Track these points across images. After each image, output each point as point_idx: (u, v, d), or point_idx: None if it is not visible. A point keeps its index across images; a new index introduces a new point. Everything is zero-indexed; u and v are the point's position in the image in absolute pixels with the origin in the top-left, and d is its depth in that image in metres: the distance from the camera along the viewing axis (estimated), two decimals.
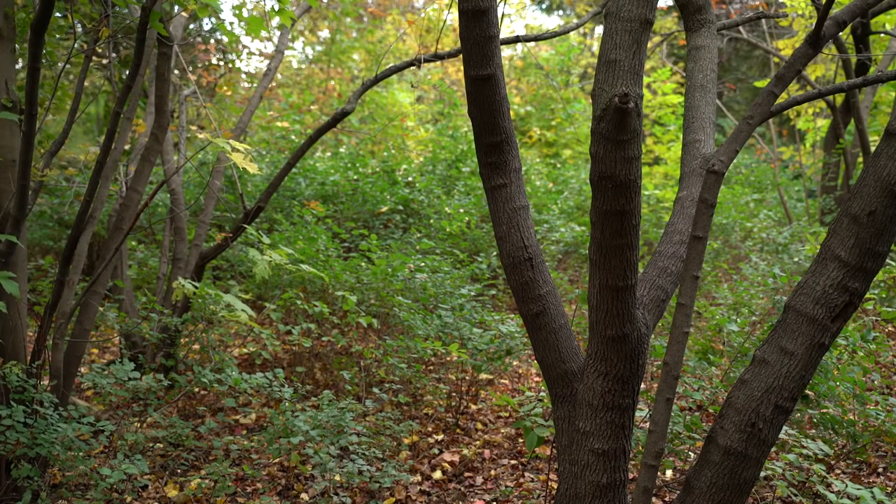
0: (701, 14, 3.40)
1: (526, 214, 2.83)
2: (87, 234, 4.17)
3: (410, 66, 5.08)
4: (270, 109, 12.20)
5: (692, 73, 3.31)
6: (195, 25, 11.45)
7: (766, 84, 2.87)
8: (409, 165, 10.32)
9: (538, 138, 13.75)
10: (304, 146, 5.20)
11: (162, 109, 4.71)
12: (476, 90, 2.74)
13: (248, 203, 5.23)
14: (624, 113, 2.45)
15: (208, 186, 5.87)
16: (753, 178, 11.89)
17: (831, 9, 2.73)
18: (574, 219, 9.13)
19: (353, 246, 7.48)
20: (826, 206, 9.10)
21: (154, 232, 8.33)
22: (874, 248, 2.38)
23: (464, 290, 5.94)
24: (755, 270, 6.70)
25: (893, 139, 2.37)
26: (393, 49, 13.75)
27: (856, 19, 3.31)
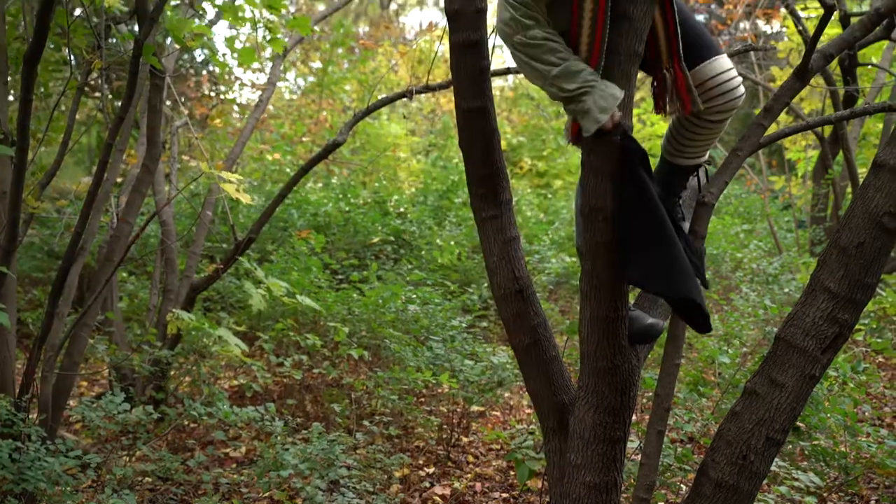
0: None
1: (517, 246, 2.83)
2: (77, 266, 4.17)
3: (402, 97, 5.10)
4: (262, 140, 12.23)
5: None
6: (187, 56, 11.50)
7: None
8: (401, 196, 10.35)
9: (529, 168, 13.81)
10: (295, 177, 5.21)
11: (154, 141, 4.72)
12: (467, 122, 2.75)
13: (239, 234, 5.23)
14: (613, 145, 2.47)
15: (200, 218, 5.87)
16: (743, 208, 11.95)
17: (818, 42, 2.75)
18: (565, 249, 9.14)
19: (344, 277, 7.48)
20: (816, 237, 9.13)
21: (145, 263, 8.32)
22: (863, 279, 2.39)
23: (455, 321, 5.93)
24: (746, 301, 6.71)
25: (881, 171, 2.38)
26: (385, 80, 13.82)
27: (843, 52, 3.34)
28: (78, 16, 4.52)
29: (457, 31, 2.68)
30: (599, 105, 2.40)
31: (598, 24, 2.48)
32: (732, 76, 2.70)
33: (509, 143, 13.97)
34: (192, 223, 7.40)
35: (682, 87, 2.67)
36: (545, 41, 2.48)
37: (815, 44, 2.72)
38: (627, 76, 2.48)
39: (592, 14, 2.48)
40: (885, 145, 2.40)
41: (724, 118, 2.75)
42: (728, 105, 2.71)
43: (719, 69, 2.68)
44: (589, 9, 2.48)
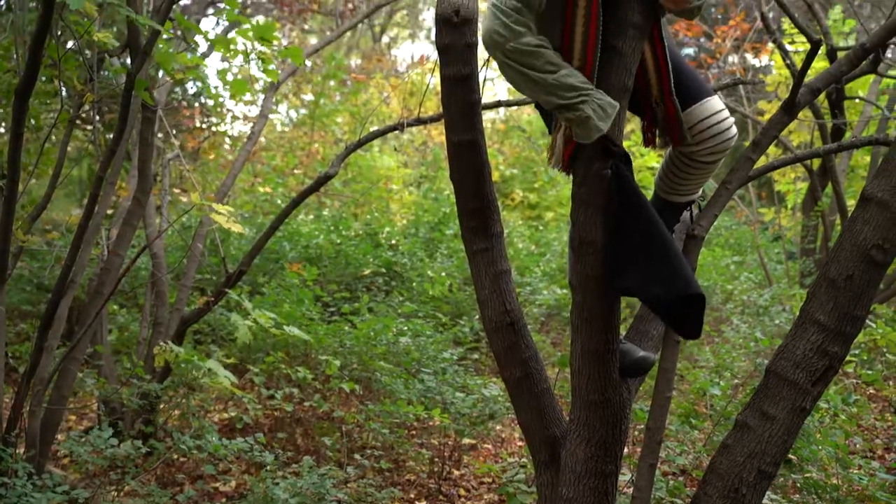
0: None
1: (508, 279, 2.83)
2: (67, 299, 4.15)
3: (393, 130, 5.12)
4: (254, 173, 12.25)
5: None
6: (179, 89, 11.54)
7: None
8: (393, 228, 10.35)
9: (521, 200, 13.84)
10: (286, 210, 5.21)
11: (145, 174, 4.72)
12: (457, 155, 2.76)
13: (230, 266, 5.22)
14: (603, 178, 2.48)
15: (190, 250, 5.87)
16: (734, 240, 11.98)
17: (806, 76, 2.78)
18: (556, 281, 9.14)
19: (336, 309, 7.46)
20: (806, 269, 9.16)
21: (135, 296, 8.29)
22: (853, 312, 2.40)
23: (446, 353, 5.91)
24: (737, 333, 6.72)
25: (868, 204, 2.40)
26: (377, 112, 13.88)
27: (830, 86, 3.37)
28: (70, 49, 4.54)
29: (447, 64, 2.69)
30: (598, 113, 2.39)
31: (591, 34, 2.49)
32: (725, 117, 2.71)
33: (501, 174, 14.02)
34: (182, 255, 7.38)
35: (672, 119, 2.69)
36: (538, 48, 2.43)
37: (803, 78, 2.74)
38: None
39: (584, 26, 2.49)
40: (873, 178, 2.41)
41: (716, 159, 2.77)
42: (721, 146, 2.72)
43: (711, 110, 2.70)
44: (581, 24, 2.49)
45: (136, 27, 3.98)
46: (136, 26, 3.95)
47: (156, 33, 3.65)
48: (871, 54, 2.98)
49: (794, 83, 2.74)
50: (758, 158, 2.84)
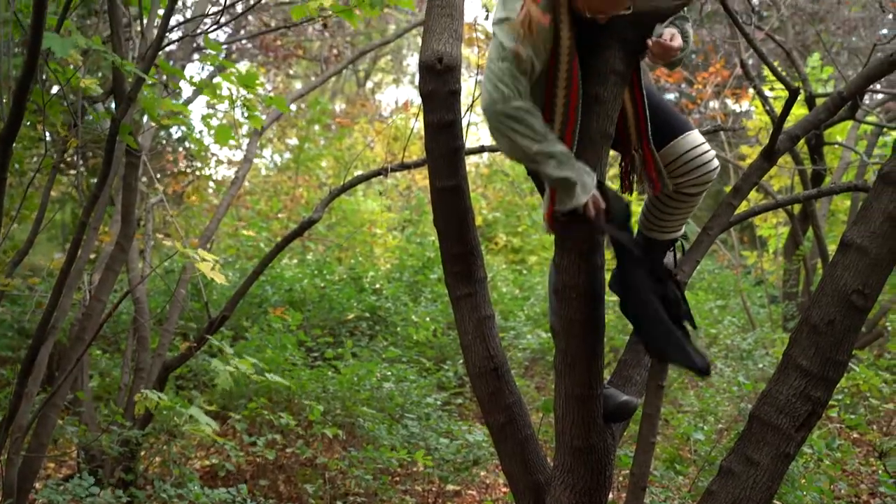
0: None
1: (491, 324, 2.83)
2: (47, 345, 4.12)
3: (378, 175, 5.13)
4: (238, 217, 12.24)
5: None
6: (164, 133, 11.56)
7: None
8: (377, 272, 10.34)
9: (504, 244, 13.87)
10: (270, 255, 5.20)
11: (128, 219, 4.71)
12: (441, 201, 2.78)
13: (213, 312, 5.20)
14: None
15: (173, 295, 5.84)
16: (717, 284, 12.02)
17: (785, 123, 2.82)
18: (541, 325, 9.14)
19: (319, 354, 7.43)
20: (788, 312, 9.20)
21: (117, 341, 8.23)
22: (835, 357, 2.41)
23: (430, 398, 5.89)
24: (721, 377, 6.72)
25: (848, 250, 2.42)
26: (361, 157, 13.94)
27: (809, 133, 3.42)
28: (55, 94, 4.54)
29: (431, 111, 2.72)
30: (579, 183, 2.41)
31: (571, 110, 2.52)
32: (706, 150, 2.75)
33: (484, 219, 14.05)
34: (165, 300, 7.34)
35: (651, 168, 2.72)
36: (527, 114, 2.45)
37: (782, 125, 2.78)
38: (598, 156, 2.52)
39: (565, 101, 2.52)
40: (852, 224, 2.44)
41: (699, 192, 2.80)
42: (703, 179, 2.75)
43: (692, 144, 2.74)
44: (562, 96, 2.52)
45: (121, 73, 3.99)
46: (121, 72, 3.97)
47: (141, 79, 3.67)
48: (848, 102, 3.02)
49: (773, 130, 2.79)
50: (739, 204, 2.87)
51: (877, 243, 2.37)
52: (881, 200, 2.38)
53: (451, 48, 2.73)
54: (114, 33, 4.09)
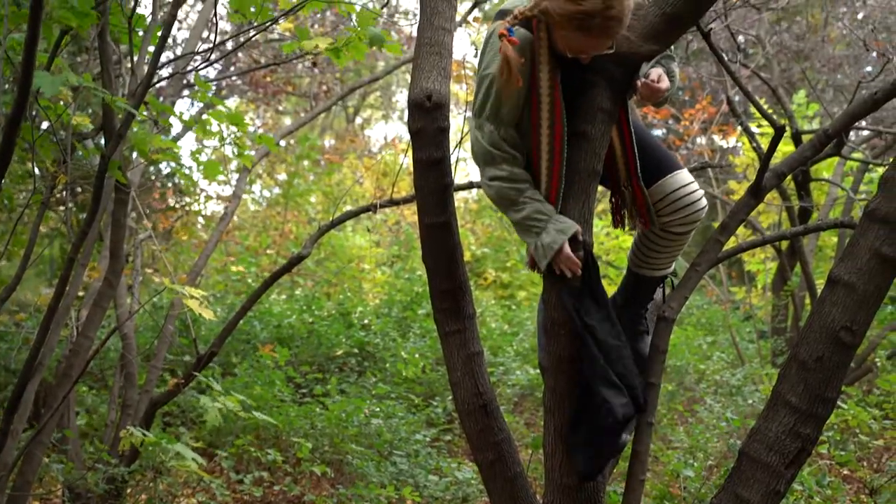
0: None
1: (480, 361, 2.83)
2: (34, 382, 4.09)
3: (366, 211, 5.14)
4: (227, 253, 12.23)
5: None
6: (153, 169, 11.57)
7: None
8: (365, 308, 10.33)
9: (493, 280, 13.88)
10: (259, 290, 5.20)
11: (117, 255, 4.70)
12: (430, 237, 2.78)
13: (202, 347, 5.18)
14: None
15: (161, 331, 5.82)
16: (705, 319, 12.04)
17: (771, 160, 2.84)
18: (530, 361, 9.12)
19: (308, 390, 7.40)
20: (777, 348, 9.21)
21: (104, 377, 8.18)
22: (823, 393, 2.41)
23: (419, 435, 5.86)
24: (710, 413, 6.71)
25: (836, 286, 2.43)
26: (350, 192, 13.97)
27: (795, 170, 3.44)
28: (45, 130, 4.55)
29: (420, 148, 2.73)
30: (552, 236, 2.47)
31: (556, 150, 2.54)
32: (693, 189, 2.77)
33: (473, 254, 14.07)
34: (153, 336, 7.31)
35: (640, 204, 2.73)
36: (513, 181, 2.57)
37: (768, 163, 2.80)
38: (586, 193, 2.54)
39: (549, 141, 2.54)
40: (839, 261, 2.45)
41: (687, 230, 2.81)
42: (690, 218, 2.77)
43: (680, 183, 2.76)
44: (546, 136, 2.54)
45: (110, 110, 4.00)
46: (111, 109, 3.98)
47: (131, 116, 3.67)
48: (834, 139, 3.05)
49: (759, 168, 2.81)
50: (726, 241, 2.89)
51: (864, 280, 2.38)
52: (867, 237, 2.40)
53: (439, 86, 2.75)
54: (104, 70, 4.10)
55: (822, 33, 10.85)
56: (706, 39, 2.78)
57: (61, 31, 3.71)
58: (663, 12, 2.46)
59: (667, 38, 2.52)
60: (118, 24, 4.20)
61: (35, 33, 2.61)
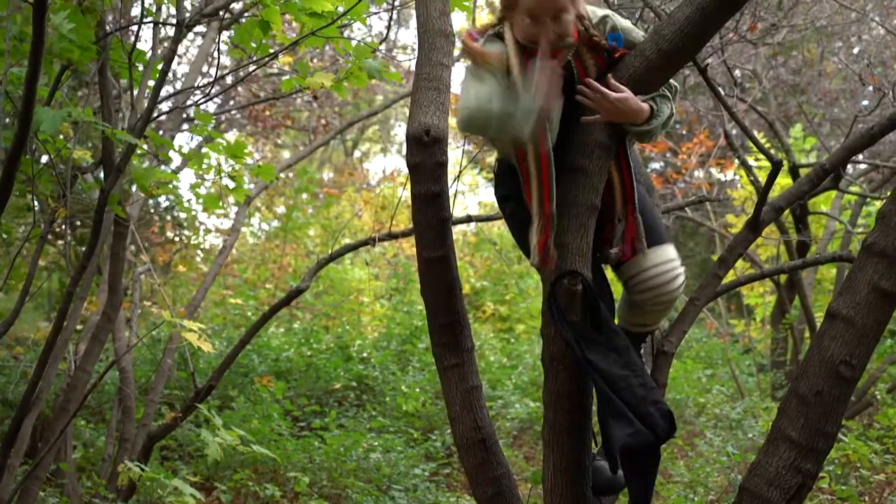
0: None
1: (479, 395, 2.82)
2: (31, 416, 4.07)
3: (365, 244, 5.16)
4: (226, 286, 12.21)
5: None
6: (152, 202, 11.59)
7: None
8: (364, 341, 10.31)
9: (492, 313, 13.86)
10: (257, 324, 5.19)
11: (115, 288, 4.70)
12: (428, 271, 2.79)
13: (200, 381, 5.16)
14: (573, 294, 2.50)
15: (159, 365, 5.80)
16: (704, 353, 12.01)
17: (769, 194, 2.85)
18: (529, 394, 9.09)
19: (306, 424, 7.37)
20: (777, 381, 9.18)
21: (102, 411, 8.14)
22: (824, 428, 2.40)
23: (418, 469, 5.83)
24: (710, 447, 6.68)
25: (835, 320, 2.43)
26: (349, 225, 13.98)
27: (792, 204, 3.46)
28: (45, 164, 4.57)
29: (418, 183, 2.74)
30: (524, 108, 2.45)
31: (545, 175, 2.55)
32: (669, 269, 2.73)
33: (472, 287, 14.05)
34: (150, 370, 7.28)
35: (630, 233, 2.72)
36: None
37: (766, 197, 2.81)
38: (585, 228, 2.54)
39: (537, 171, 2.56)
40: (838, 295, 2.45)
41: (661, 309, 2.78)
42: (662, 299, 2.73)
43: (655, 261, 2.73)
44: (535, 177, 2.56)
45: (110, 144, 4.02)
46: (110, 143, 4.00)
47: (130, 149, 3.69)
48: (831, 174, 3.07)
49: (757, 202, 2.82)
50: (725, 274, 2.89)
51: (863, 314, 2.38)
52: (866, 271, 2.40)
53: (437, 120, 2.76)
54: (104, 105, 4.12)
55: (819, 67, 10.93)
56: (703, 75, 2.80)
57: (62, 66, 3.74)
58: (659, 49, 2.48)
59: (663, 74, 2.53)
60: (118, 59, 4.23)
61: (36, 70, 2.63)
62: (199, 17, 4.74)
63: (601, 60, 2.60)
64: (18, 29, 3.61)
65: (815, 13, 8.10)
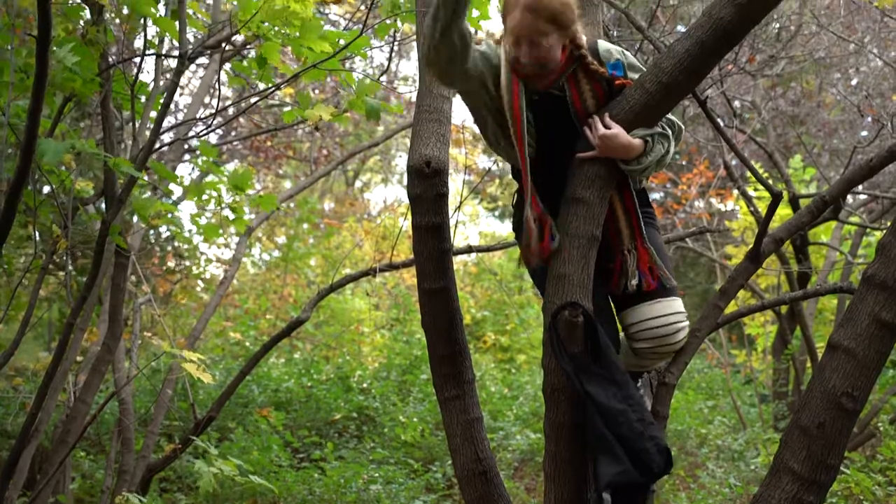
0: None
1: (480, 426, 2.81)
2: (30, 448, 4.06)
3: (366, 275, 5.16)
4: (226, 316, 12.20)
5: None
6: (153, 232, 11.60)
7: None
8: (364, 371, 10.28)
9: (493, 343, 13.83)
10: (257, 355, 5.18)
11: (115, 319, 4.70)
12: (429, 302, 2.79)
13: (199, 412, 5.15)
14: (573, 326, 2.50)
15: (159, 396, 5.78)
16: (705, 383, 11.97)
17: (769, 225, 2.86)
18: (530, 425, 9.05)
19: (306, 455, 7.33)
20: (779, 412, 9.14)
21: (101, 442, 8.10)
22: (826, 460, 2.40)
23: (418, 501, 5.79)
24: (713, 478, 6.64)
25: (836, 352, 2.43)
26: (349, 255, 13.99)
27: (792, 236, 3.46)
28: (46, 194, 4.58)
29: (419, 214, 2.75)
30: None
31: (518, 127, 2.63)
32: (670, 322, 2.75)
33: (473, 317, 14.03)
34: (150, 400, 7.26)
35: (645, 263, 2.72)
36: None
37: (766, 229, 2.82)
38: (586, 259, 2.54)
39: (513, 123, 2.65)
40: (839, 326, 2.45)
41: (658, 359, 2.80)
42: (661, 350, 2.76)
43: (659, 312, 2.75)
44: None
45: (111, 175, 4.03)
46: (112, 174, 4.01)
47: (132, 181, 3.70)
48: (830, 205, 3.07)
49: (757, 234, 2.82)
50: (726, 306, 2.89)
51: (864, 345, 2.38)
52: (866, 303, 2.40)
53: (438, 152, 2.77)
54: (106, 136, 4.14)
55: (817, 99, 10.98)
56: (702, 107, 2.82)
57: (64, 98, 3.76)
58: (660, 81, 2.49)
59: (663, 106, 2.55)
60: (121, 90, 4.26)
61: (39, 103, 2.65)
62: (202, 50, 4.77)
63: (599, 88, 2.63)
64: (23, 62, 3.63)
65: (813, 45, 8.16)
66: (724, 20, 2.41)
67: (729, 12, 2.40)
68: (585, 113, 2.63)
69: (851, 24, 8.07)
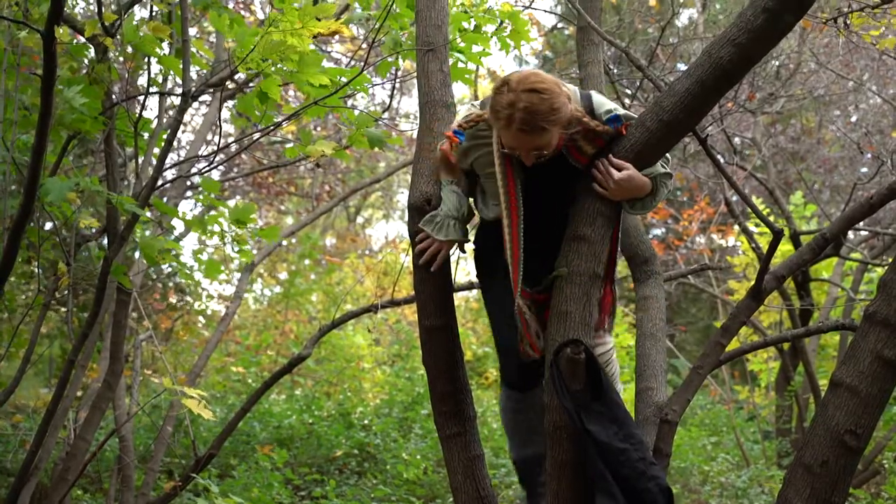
0: (648, 265, 3.53)
1: (481, 464, 2.80)
2: (30, 486, 4.03)
3: (367, 311, 5.16)
4: (227, 353, 12.18)
5: (642, 322, 3.40)
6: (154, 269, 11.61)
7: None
8: (366, 407, 10.24)
9: (494, 380, 13.79)
10: (258, 392, 5.16)
11: (116, 356, 4.69)
12: (430, 339, 2.79)
13: (200, 449, 5.12)
14: (575, 363, 2.49)
15: (160, 433, 5.76)
16: (709, 420, 11.92)
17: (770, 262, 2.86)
18: None
19: (307, 493, 7.28)
20: (782, 449, 9.10)
21: (100, 479, 8.05)
22: (830, 498, 2.38)
23: None
24: None
25: (839, 389, 2.42)
26: (351, 291, 13.98)
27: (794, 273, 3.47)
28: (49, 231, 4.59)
29: (420, 252, 2.75)
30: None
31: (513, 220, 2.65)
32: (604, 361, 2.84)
33: (474, 353, 13.99)
34: (150, 437, 7.22)
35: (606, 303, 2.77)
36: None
37: (767, 266, 2.82)
38: (587, 296, 2.55)
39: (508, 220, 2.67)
40: (841, 364, 2.45)
41: None
42: None
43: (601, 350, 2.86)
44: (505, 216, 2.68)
45: (114, 212, 4.05)
46: (115, 211, 4.02)
47: (134, 218, 3.71)
48: (831, 243, 3.08)
49: (759, 271, 2.83)
50: (728, 343, 2.89)
51: (867, 382, 2.38)
52: (868, 340, 2.40)
53: (439, 189, 2.79)
54: (109, 173, 4.16)
55: (817, 136, 11.03)
56: (703, 145, 2.83)
57: (68, 136, 3.79)
58: (661, 119, 2.51)
59: (664, 144, 2.57)
60: (124, 128, 4.28)
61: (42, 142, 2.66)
62: (205, 88, 4.81)
63: (600, 141, 2.63)
64: (30, 100, 3.66)
65: (812, 83, 8.21)
66: (723, 59, 2.43)
67: (728, 52, 2.42)
68: (588, 159, 2.62)
69: (850, 62, 8.13)
